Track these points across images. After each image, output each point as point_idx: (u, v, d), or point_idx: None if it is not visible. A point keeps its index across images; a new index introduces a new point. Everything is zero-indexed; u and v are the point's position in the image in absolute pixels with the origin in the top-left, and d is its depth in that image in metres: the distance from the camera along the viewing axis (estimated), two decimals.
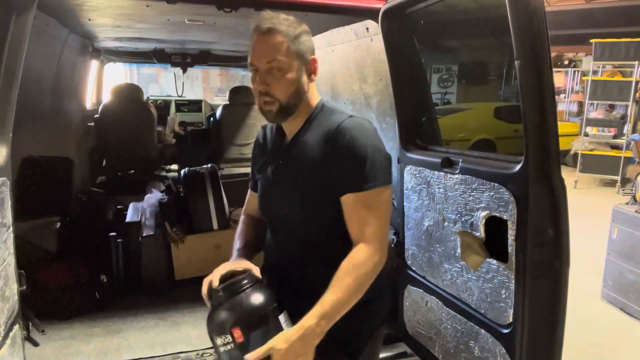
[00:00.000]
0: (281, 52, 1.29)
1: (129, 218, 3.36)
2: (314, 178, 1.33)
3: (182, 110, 6.66)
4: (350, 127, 1.30)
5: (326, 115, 1.38)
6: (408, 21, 2.30)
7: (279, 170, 1.43)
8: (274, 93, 1.31)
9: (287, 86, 1.31)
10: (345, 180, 1.30)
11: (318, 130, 1.36)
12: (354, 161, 1.29)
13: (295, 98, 1.34)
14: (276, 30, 1.30)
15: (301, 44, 1.33)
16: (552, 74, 1.47)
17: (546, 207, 1.53)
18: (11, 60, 1.52)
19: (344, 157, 1.29)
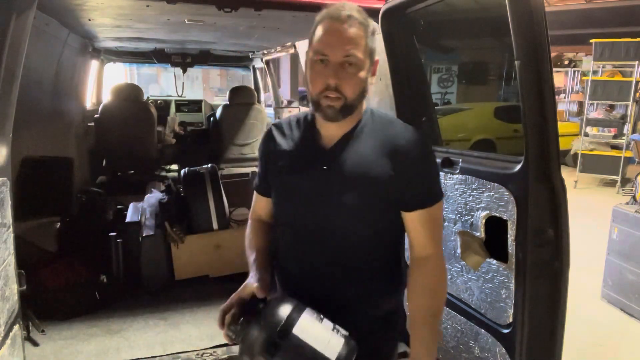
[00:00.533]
0: (360, 47, 1.17)
1: (129, 218, 3.36)
2: (375, 189, 1.22)
3: (182, 110, 6.66)
4: (419, 139, 1.25)
5: (381, 121, 1.29)
6: (408, 21, 2.30)
7: (322, 176, 1.25)
8: (344, 90, 1.18)
9: (357, 85, 1.19)
10: (417, 195, 1.24)
11: (375, 138, 1.25)
12: (427, 175, 1.26)
13: (360, 99, 1.23)
14: (356, 21, 1.18)
15: (374, 41, 1.23)
16: (552, 74, 1.47)
17: (546, 207, 1.53)
18: (11, 60, 1.51)
19: (417, 171, 1.23)
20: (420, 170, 1.24)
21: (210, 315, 2.75)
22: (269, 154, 1.37)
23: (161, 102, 6.49)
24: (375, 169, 1.22)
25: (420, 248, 1.27)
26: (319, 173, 1.26)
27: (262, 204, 1.45)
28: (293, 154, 1.31)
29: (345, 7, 1.18)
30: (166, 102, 6.63)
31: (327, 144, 1.27)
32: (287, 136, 1.34)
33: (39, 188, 3.01)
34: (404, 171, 1.22)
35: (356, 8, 1.20)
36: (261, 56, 5.36)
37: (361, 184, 1.22)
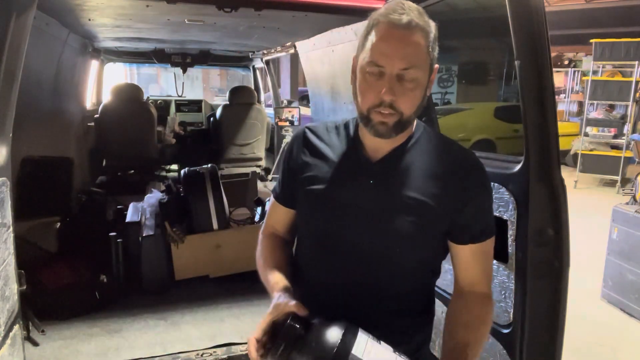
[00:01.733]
0: (420, 59, 1.03)
1: (129, 218, 3.36)
2: (423, 213, 1.09)
3: (182, 110, 6.67)
4: (479, 166, 1.13)
5: (437, 140, 1.17)
6: None
7: (366, 191, 1.11)
8: (399, 106, 1.03)
9: (415, 101, 1.05)
10: (471, 228, 1.13)
11: (430, 157, 1.12)
12: (483, 207, 1.14)
13: (416, 114, 1.09)
14: (417, 27, 1.02)
15: (435, 50, 1.07)
16: (552, 74, 1.47)
17: (546, 207, 1.53)
18: (11, 60, 1.51)
19: (474, 201, 1.11)
20: (478, 201, 1.12)
21: (210, 315, 2.75)
22: (300, 159, 1.20)
23: (161, 102, 6.50)
24: (427, 191, 1.09)
25: (468, 283, 1.17)
26: (364, 187, 1.11)
27: (280, 216, 1.29)
28: (332, 162, 1.16)
29: (405, 8, 1.02)
30: (166, 102, 6.63)
31: (373, 157, 1.13)
32: (326, 142, 1.19)
33: (39, 188, 3.02)
34: (459, 199, 1.10)
35: (417, 9, 1.04)
36: (261, 56, 5.36)
37: (409, 204, 1.09)
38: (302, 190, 1.19)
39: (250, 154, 5.38)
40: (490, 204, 1.16)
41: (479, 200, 1.12)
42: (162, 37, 3.98)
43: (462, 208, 1.10)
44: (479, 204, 1.13)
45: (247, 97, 5.31)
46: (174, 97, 6.73)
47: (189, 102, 6.79)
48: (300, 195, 1.20)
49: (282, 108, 5.78)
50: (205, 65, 5.90)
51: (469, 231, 1.13)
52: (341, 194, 1.13)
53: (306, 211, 1.21)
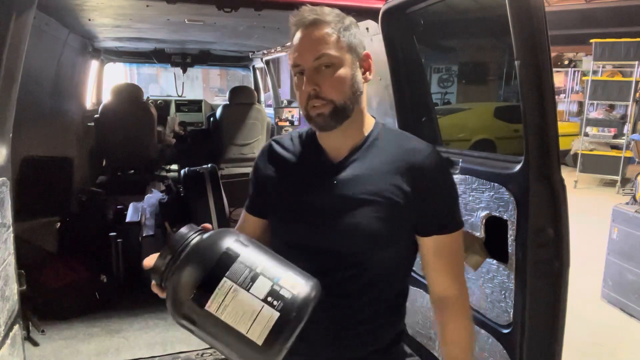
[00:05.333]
0: (330, 44, 1.07)
1: (129, 218, 3.36)
2: (390, 209, 1.09)
3: (182, 110, 6.67)
4: (441, 160, 1.15)
5: (395, 136, 1.18)
6: (408, 21, 2.30)
7: (329, 193, 1.13)
8: (326, 94, 1.07)
9: (340, 84, 1.08)
10: (437, 220, 1.13)
11: (388, 153, 1.13)
12: (446, 198, 1.14)
13: (352, 98, 1.10)
14: (322, 21, 1.09)
15: (352, 35, 1.11)
16: (552, 74, 1.47)
17: (546, 207, 1.53)
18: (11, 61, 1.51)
19: (438, 193, 1.12)
20: (439, 191, 1.13)
21: None
22: (269, 171, 1.23)
23: (161, 102, 6.50)
24: (388, 187, 1.10)
25: (439, 286, 1.16)
26: (327, 190, 1.13)
27: (250, 227, 1.28)
28: (297, 170, 1.19)
29: (313, 10, 1.11)
30: (166, 102, 6.63)
31: (334, 159, 1.15)
32: (290, 152, 1.22)
33: (39, 188, 3.01)
34: (421, 191, 1.10)
35: (321, 9, 1.11)
36: (261, 56, 5.36)
37: (372, 201, 1.10)
38: (271, 201, 1.22)
39: (250, 154, 5.37)
40: (452, 196, 1.16)
41: (439, 190, 1.13)
42: (162, 37, 3.98)
43: (422, 200, 1.10)
44: (440, 193, 1.13)
45: (247, 97, 5.31)
46: (174, 97, 6.73)
47: (189, 102, 6.79)
48: (270, 206, 1.23)
49: (282, 108, 5.78)
50: (205, 65, 5.91)
51: (431, 222, 1.13)
52: (307, 200, 1.15)
53: (276, 221, 1.23)
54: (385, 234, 1.11)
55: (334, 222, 1.12)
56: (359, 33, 1.15)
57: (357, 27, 1.15)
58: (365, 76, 1.13)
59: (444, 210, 1.14)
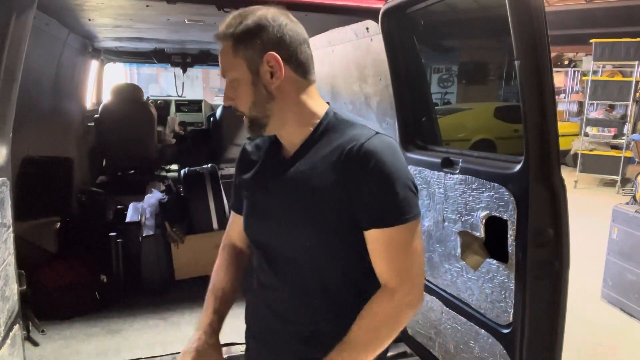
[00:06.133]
0: (229, 61, 1.08)
1: (129, 218, 3.36)
2: (329, 204, 1.08)
3: (182, 110, 6.67)
4: (378, 148, 1.05)
5: (342, 127, 1.12)
6: (408, 21, 2.30)
7: (279, 190, 1.15)
8: (238, 107, 1.12)
9: (244, 98, 1.10)
10: (372, 213, 1.07)
11: (332, 146, 1.10)
12: (384, 191, 1.05)
13: (258, 109, 1.10)
14: (220, 35, 1.10)
15: (247, 42, 1.07)
16: (552, 74, 1.47)
17: (546, 207, 1.53)
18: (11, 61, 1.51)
19: (370, 185, 1.05)
20: (371, 182, 1.05)
21: None
22: (242, 169, 1.28)
23: (161, 102, 6.50)
24: (321, 180, 1.08)
25: (381, 278, 1.10)
26: (277, 187, 1.16)
27: (235, 225, 1.34)
28: (260, 166, 1.22)
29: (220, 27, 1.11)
30: (166, 102, 6.63)
31: (287, 154, 1.17)
32: (259, 149, 1.26)
33: (39, 188, 3.01)
34: (353, 183, 1.06)
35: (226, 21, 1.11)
36: None
37: (316, 197, 1.09)
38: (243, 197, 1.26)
39: None
40: (390, 190, 1.05)
41: (378, 183, 1.05)
42: (162, 37, 3.97)
43: (355, 192, 1.06)
44: (373, 189, 1.06)
45: None
46: (174, 97, 6.73)
47: (189, 102, 6.79)
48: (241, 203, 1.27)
49: None
50: (205, 65, 5.90)
51: (368, 216, 1.07)
52: (261, 195, 1.18)
53: (243, 218, 1.26)
54: (328, 226, 1.09)
55: (279, 220, 1.14)
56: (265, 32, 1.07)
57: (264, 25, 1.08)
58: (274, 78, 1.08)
59: (379, 202, 1.06)
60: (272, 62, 1.07)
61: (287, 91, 1.10)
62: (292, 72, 1.09)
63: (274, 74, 1.07)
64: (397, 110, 2.37)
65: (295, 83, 1.11)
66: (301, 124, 1.14)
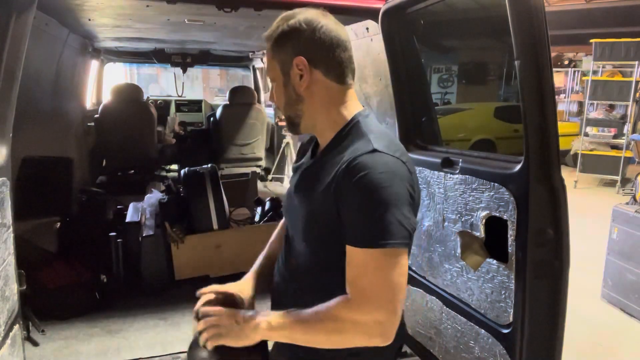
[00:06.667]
0: (268, 61, 1.17)
1: (129, 218, 3.36)
2: (323, 209, 1.10)
3: (182, 110, 6.67)
4: (369, 165, 1.03)
5: (355, 137, 1.12)
6: (408, 21, 2.30)
7: (299, 186, 1.22)
8: (277, 106, 1.23)
9: (279, 98, 1.18)
10: (349, 229, 1.05)
11: (341, 154, 1.10)
12: (364, 209, 1.02)
13: (290, 109, 1.17)
14: (265, 38, 1.17)
15: (281, 45, 1.13)
16: (552, 74, 1.47)
17: (546, 207, 1.53)
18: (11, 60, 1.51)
19: (352, 201, 1.04)
20: (357, 199, 1.03)
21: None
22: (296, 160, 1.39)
23: (161, 102, 6.50)
24: (322, 185, 1.10)
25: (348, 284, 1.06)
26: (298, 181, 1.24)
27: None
28: (301, 161, 1.29)
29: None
30: (166, 102, 6.63)
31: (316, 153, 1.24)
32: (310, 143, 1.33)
33: (39, 188, 3.01)
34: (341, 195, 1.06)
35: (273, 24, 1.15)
36: (261, 56, 5.36)
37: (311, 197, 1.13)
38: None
39: (250, 154, 5.37)
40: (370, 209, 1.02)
41: (353, 200, 1.04)
42: (162, 37, 3.98)
43: (342, 205, 1.06)
44: (353, 205, 1.04)
45: (247, 97, 5.31)
46: (174, 97, 6.73)
47: (189, 102, 6.79)
48: None
49: None
50: (205, 65, 5.91)
51: (346, 230, 1.06)
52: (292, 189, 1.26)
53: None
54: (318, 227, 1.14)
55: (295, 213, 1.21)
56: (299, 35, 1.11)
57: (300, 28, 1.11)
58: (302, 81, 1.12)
59: (356, 220, 1.04)
60: (301, 66, 1.11)
61: (317, 94, 1.14)
62: (322, 75, 1.13)
63: (303, 77, 1.12)
64: (397, 110, 2.37)
65: (325, 86, 1.14)
66: (330, 126, 1.17)
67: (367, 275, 1.03)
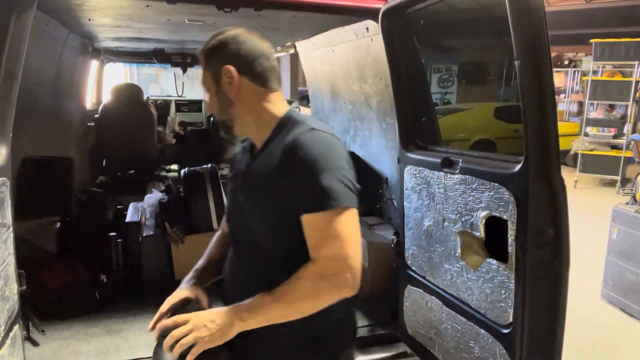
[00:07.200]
0: (202, 74, 1.34)
1: (129, 218, 3.36)
2: (273, 192, 1.22)
3: (182, 110, 6.68)
4: (308, 140, 1.19)
5: (292, 126, 1.27)
6: (408, 21, 2.30)
7: (243, 184, 1.34)
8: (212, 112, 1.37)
9: (212, 105, 1.33)
10: (301, 200, 1.18)
11: (281, 142, 1.24)
12: (309, 179, 1.16)
13: (223, 114, 1.31)
14: (197, 53, 1.36)
15: (211, 57, 1.30)
16: (552, 74, 1.48)
17: (546, 207, 1.53)
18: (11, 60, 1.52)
19: (299, 174, 1.17)
20: (302, 172, 1.16)
21: None
22: (231, 168, 1.50)
23: (161, 102, 6.50)
24: (271, 173, 1.22)
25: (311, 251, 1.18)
26: (241, 181, 1.35)
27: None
28: (238, 165, 1.42)
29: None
30: (166, 102, 6.63)
31: (255, 153, 1.35)
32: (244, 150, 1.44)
33: (39, 188, 3.01)
34: (287, 173, 1.19)
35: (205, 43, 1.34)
36: None
37: (263, 189, 1.24)
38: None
39: None
40: (317, 178, 1.15)
41: (304, 172, 1.16)
42: (162, 37, 3.97)
43: (291, 181, 1.18)
44: (302, 177, 1.17)
45: None
46: (174, 97, 6.73)
47: (189, 102, 6.79)
48: None
49: None
50: None
51: (299, 202, 1.19)
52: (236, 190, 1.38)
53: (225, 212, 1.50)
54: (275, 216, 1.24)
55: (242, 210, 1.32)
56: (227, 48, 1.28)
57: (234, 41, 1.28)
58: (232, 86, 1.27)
59: (306, 189, 1.17)
60: (229, 74, 1.26)
61: (246, 98, 1.28)
62: (249, 81, 1.28)
63: (232, 83, 1.27)
64: (397, 110, 2.37)
65: (253, 91, 1.28)
66: (263, 126, 1.30)
67: (326, 236, 1.15)
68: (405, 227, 2.30)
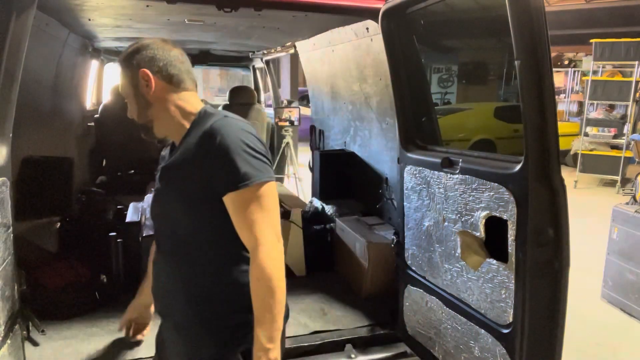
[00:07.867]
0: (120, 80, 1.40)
1: (129, 218, 3.35)
2: (193, 180, 1.31)
3: None
4: (223, 125, 1.29)
5: (206, 119, 1.35)
6: (408, 21, 2.30)
7: (163, 178, 1.42)
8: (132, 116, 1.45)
9: (132, 107, 1.42)
10: (221, 181, 1.27)
11: (197, 134, 1.33)
12: (225, 160, 1.25)
13: (142, 116, 1.42)
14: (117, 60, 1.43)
15: (127, 63, 1.38)
16: (552, 74, 1.47)
17: (546, 207, 1.53)
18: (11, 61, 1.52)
19: (215, 157, 1.26)
20: (218, 155, 1.26)
21: None
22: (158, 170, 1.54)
23: None
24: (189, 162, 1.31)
25: (244, 239, 1.29)
26: (162, 175, 1.42)
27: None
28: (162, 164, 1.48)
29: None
30: None
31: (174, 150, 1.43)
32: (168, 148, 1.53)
33: (39, 188, 3.01)
34: (205, 158, 1.28)
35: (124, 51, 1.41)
36: (261, 56, 5.36)
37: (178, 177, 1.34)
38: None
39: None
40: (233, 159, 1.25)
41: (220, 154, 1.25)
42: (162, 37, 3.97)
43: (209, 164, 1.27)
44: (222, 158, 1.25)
45: (247, 97, 5.30)
46: None
47: None
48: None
49: (282, 108, 5.77)
50: (205, 65, 5.90)
51: (219, 183, 1.27)
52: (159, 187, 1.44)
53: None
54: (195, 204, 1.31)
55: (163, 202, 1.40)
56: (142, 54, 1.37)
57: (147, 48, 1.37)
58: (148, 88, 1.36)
59: (224, 170, 1.25)
60: (145, 77, 1.36)
61: (162, 98, 1.38)
62: (165, 83, 1.37)
63: (148, 85, 1.36)
64: (397, 110, 2.37)
65: (168, 91, 1.38)
66: (180, 123, 1.39)
67: (250, 211, 1.26)
68: (405, 227, 2.30)
